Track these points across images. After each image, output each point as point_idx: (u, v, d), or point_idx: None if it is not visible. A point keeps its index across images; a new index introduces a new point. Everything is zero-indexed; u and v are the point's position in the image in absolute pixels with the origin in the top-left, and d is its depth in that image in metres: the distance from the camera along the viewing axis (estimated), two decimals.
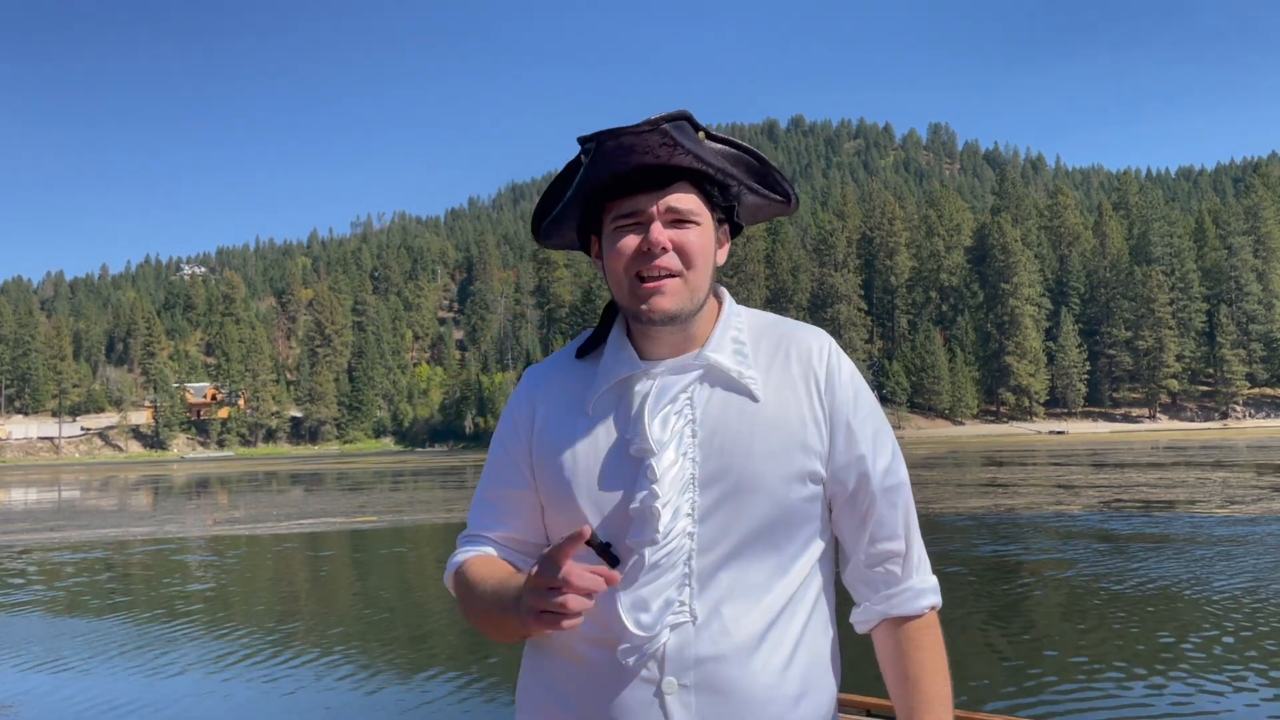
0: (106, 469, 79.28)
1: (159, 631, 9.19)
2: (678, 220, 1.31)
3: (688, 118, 1.28)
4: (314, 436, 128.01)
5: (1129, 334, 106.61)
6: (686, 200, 1.31)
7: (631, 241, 1.31)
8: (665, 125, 1.25)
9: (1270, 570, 10.51)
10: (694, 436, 1.32)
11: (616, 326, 1.41)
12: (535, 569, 1.20)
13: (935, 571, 1.40)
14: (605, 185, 1.32)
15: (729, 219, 1.40)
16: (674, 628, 1.27)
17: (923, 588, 1.40)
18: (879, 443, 1.40)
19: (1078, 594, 9.68)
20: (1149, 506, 18.25)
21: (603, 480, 1.33)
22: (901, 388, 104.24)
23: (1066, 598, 9.56)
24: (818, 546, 1.39)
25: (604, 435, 1.35)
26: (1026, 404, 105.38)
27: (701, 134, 1.30)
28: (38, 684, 7.30)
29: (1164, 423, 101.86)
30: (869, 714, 3.05)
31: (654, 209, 1.30)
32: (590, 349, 1.43)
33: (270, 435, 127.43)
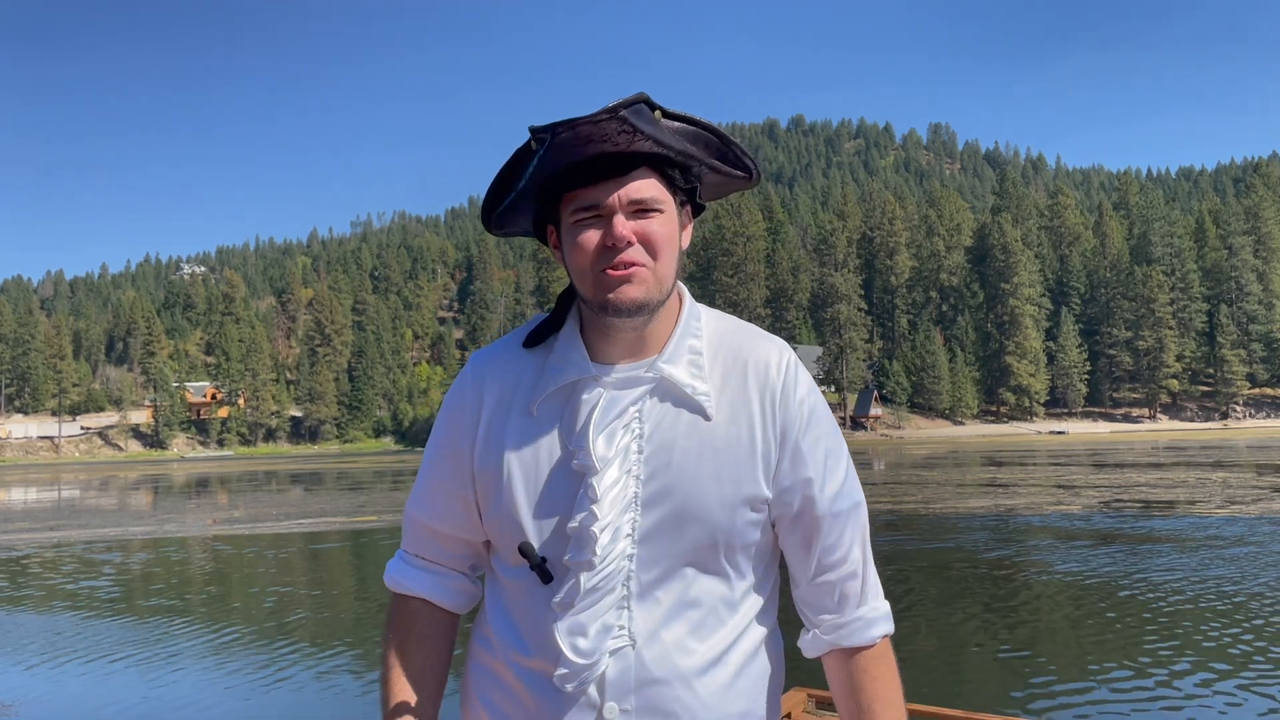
0: (106, 468, 79.19)
1: (159, 631, 9.19)
2: (640, 210, 1.24)
3: (645, 100, 1.22)
4: (314, 436, 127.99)
5: (1129, 334, 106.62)
6: (648, 188, 1.25)
7: (594, 235, 1.24)
8: (624, 112, 1.20)
9: (1270, 571, 10.51)
10: (640, 453, 1.26)
11: (571, 319, 1.35)
12: None
13: (935, 571, 1.38)
14: (562, 176, 1.24)
15: (691, 200, 1.33)
16: (613, 653, 1.24)
17: (873, 617, 1.34)
18: (830, 465, 1.33)
19: (1078, 594, 9.68)
20: (1149, 507, 18.25)
21: (542, 493, 1.28)
22: (901, 388, 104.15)
23: (1066, 598, 9.55)
24: (763, 565, 1.35)
25: (546, 443, 1.29)
26: (1027, 404, 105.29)
27: (658, 113, 1.24)
28: (38, 684, 7.30)
29: (1164, 423, 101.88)
30: None
31: (615, 200, 1.23)
32: (540, 338, 1.35)
33: (270, 435, 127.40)
